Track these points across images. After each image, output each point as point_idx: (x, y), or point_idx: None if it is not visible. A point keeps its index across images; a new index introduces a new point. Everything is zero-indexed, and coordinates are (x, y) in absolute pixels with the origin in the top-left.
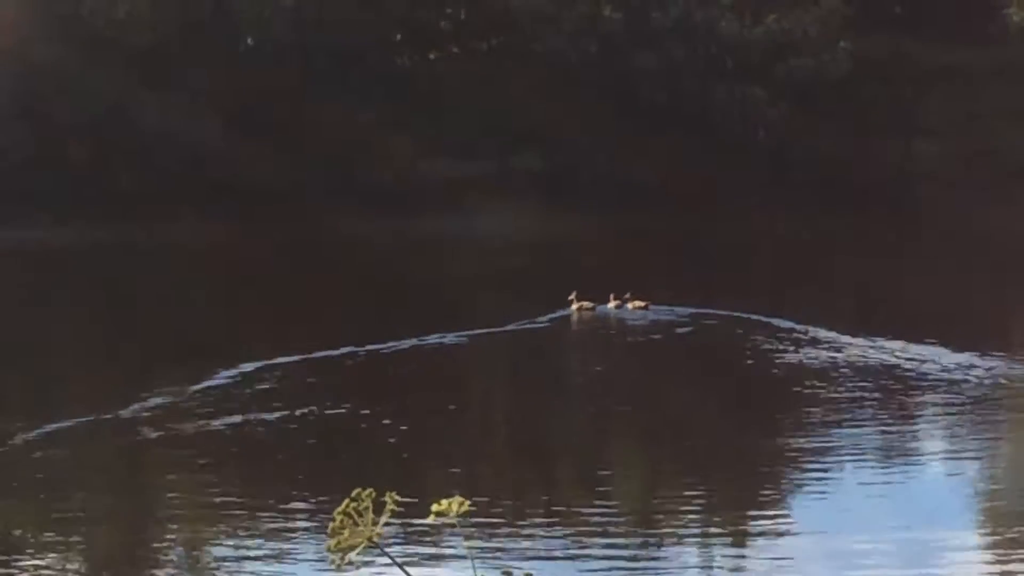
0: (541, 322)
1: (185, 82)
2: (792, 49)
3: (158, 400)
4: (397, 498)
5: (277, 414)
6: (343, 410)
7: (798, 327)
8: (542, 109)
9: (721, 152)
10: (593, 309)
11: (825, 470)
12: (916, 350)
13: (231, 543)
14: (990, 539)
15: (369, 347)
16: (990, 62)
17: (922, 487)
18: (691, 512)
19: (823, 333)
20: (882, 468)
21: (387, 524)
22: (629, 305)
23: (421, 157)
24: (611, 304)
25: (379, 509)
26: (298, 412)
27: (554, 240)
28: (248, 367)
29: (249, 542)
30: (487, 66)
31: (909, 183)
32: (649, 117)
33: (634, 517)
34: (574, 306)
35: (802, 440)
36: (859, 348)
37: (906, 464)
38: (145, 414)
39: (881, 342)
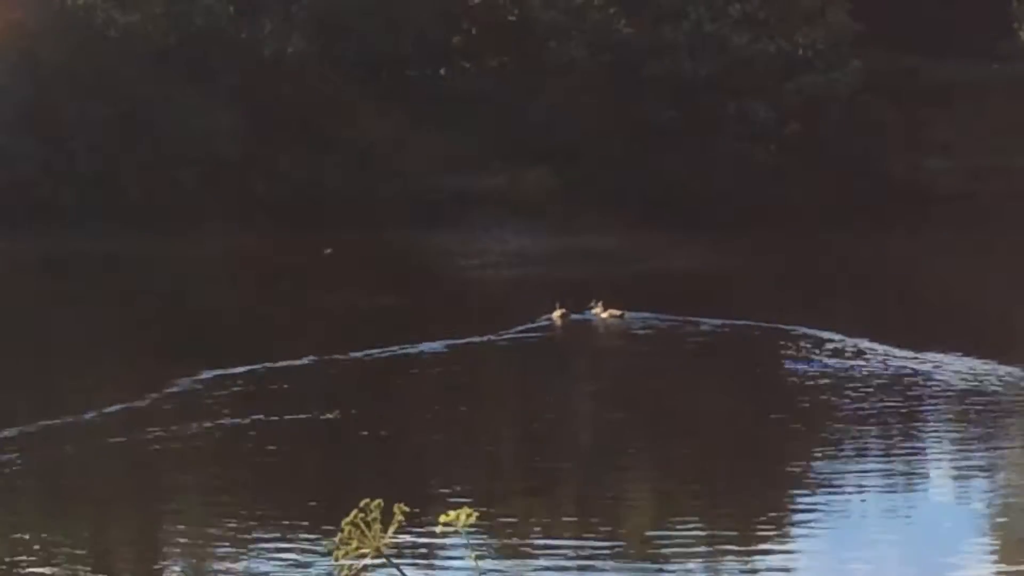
0: (518, 331)
1: (198, 91)
2: (802, 65)
3: (138, 403)
4: (405, 509)
5: (280, 417)
6: (335, 416)
7: (813, 333)
8: (553, 124)
9: (730, 167)
10: (567, 316)
11: (837, 493)
12: (954, 362)
13: (231, 551)
14: (1002, 567)
15: (348, 355)
16: (1001, 79)
17: (936, 512)
18: (696, 532)
19: (843, 341)
20: (897, 490)
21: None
22: (604, 313)
23: (431, 171)
24: (597, 310)
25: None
26: (296, 417)
27: (561, 253)
28: (231, 371)
29: (248, 549)
30: (498, 81)
31: (918, 199)
32: (661, 132)
33: (638, 536)
34: (556, 313)
35: (816, 460)
36: (889, 359)
37: (921, 486)
38: (120, 419)
39: (914, 352)
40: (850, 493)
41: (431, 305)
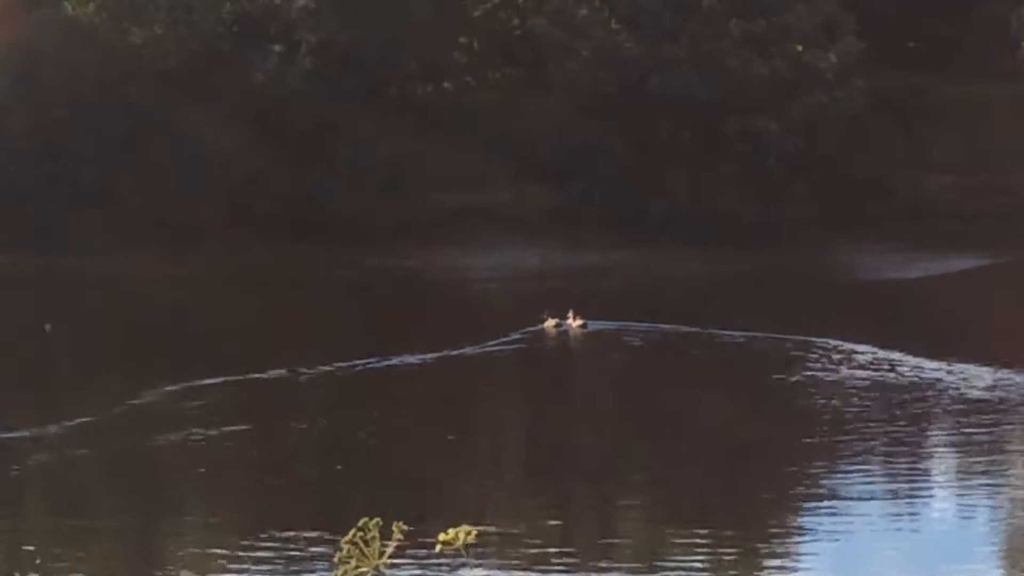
0: (502, 343)
1: (200, 109)
2: (806, 84)
3: (100, 417)
4: (404, 527)
5: (255, 427)
6: (326, 426)
7: (823, 342)
8: (556, 140)
9: (734, 185)
10: (559, 326)
11: (846, 504)
12: (982, 373)
13: (218, 565)
14: None
15: (318, 368)
16: (1005, 97)
17: (945, 526)
18: (699, 548)
19: (875, 353)
20: (904, 503)
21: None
22: (574, 324)
23: (434, 187)
24: (569, 321)
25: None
26: (296, 427)
27: (562, 269)
28: (198, 383)
29: (229, 563)
30: (501, 97)
31: (923, 216)
32: (663, 149)
33: (640, 550)
34: (550, 323)
35: (827, 471)
36: (920, 371)
37: (931, 499)
38: (80, 432)
39: (946, 364)
40: (858, 504)
41: (423, 318)
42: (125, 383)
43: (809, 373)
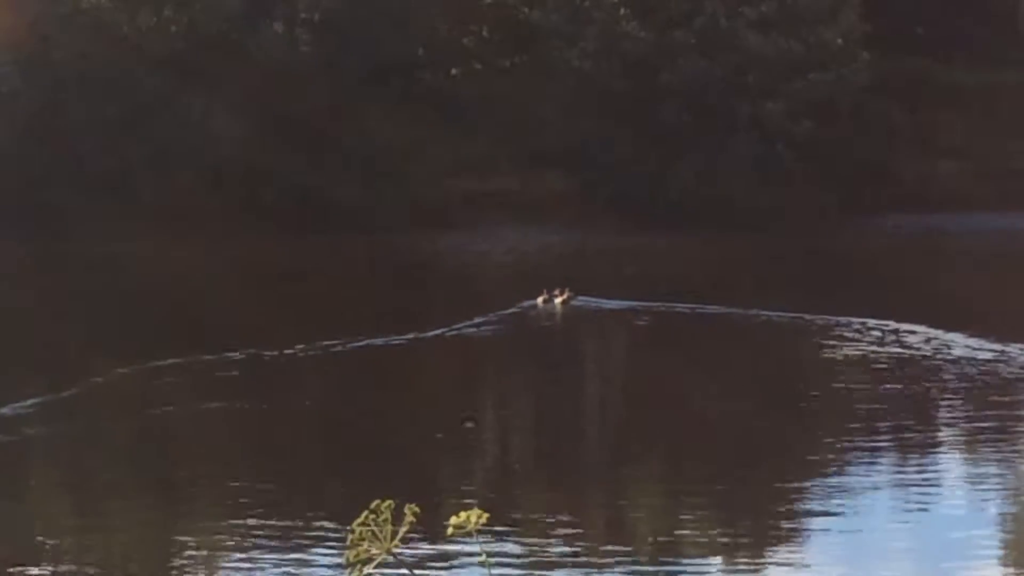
0: (486, 320)
1: (206, 95)
2: (812, 65)
3: (61, 396)
4: (416, 509)
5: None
6: (316, 405)
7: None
8: (565, 126)
9: (743, 170)
10: (549, 302)
11: (853, 495)
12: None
13: (237, 551)
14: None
15: (326, 344)
16: (1011, 83)
17: (956, 517)
18: (708, 537)
19: (932, 333)
20: (925, 494)
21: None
22: (559, 300)
23: (443, 173)
24: (558, 299)
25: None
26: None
27: (569, 253)
28: (164, 363)
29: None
30: (510, 83)
31: (931, 200)
32: (671, 135)
33: (648, 538)
34: (539, 299)
35: (843, 461)
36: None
37: (946, 485)
38: (37, 412)
39: (1002, 345)
40: (876, 492)
41: (422, 300)
42: (95, 362)
43: (849, 353)
